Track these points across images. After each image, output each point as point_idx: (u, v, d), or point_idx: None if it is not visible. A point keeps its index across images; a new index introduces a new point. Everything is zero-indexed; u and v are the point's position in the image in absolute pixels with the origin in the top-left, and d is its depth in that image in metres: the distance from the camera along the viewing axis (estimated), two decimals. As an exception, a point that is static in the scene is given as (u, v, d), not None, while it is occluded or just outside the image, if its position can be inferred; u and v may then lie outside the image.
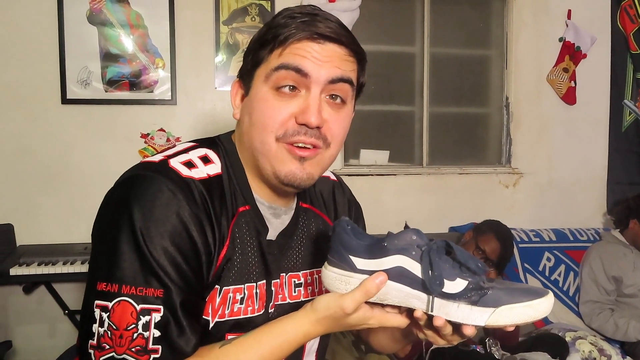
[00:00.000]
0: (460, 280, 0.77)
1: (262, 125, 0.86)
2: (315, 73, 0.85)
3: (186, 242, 0.81)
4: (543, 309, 0.75)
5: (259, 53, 0.88)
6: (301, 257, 0.99)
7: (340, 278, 0.82)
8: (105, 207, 0.84)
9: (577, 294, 2.99)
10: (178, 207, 0.81)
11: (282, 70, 0.84)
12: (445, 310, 0.77)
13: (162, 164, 0.85)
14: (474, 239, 2.55)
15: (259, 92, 0.87)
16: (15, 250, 2.60)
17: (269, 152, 0.87)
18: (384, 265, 0.79)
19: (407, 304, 0.80)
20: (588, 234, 3.18)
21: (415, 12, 3.25)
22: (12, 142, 2.69)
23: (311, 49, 0.85)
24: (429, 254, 0.77)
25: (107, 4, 2.75)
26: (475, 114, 3.42)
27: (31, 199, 2.72)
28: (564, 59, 3.29)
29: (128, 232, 0.78)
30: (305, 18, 0.85)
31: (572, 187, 3.39)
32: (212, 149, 0.92)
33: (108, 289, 0.77)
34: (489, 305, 0.76)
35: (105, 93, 2.76)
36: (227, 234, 0.87)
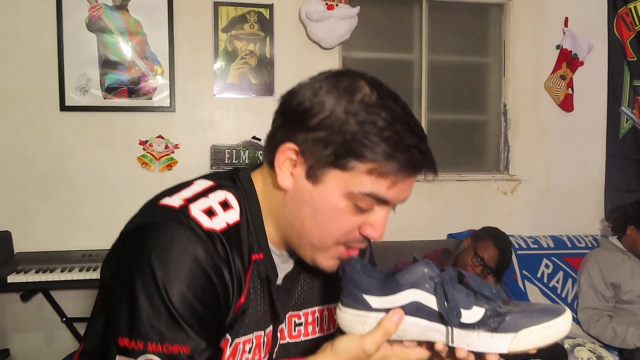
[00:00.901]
0: (477, 309, 0.76)
1: (329, 232, 0.83)
2: (396, 201, 0.84)
3: (210, 297, 0.79)
4: (563, 328, 0.75)
5: (345, 158, 0.78)
6: (302, 296, 0.98)
7: (356, 319, 0.80)
8: (123, 254, 0.81)
9: (575, 300, 2.99)
10: (201, 260, 0.78)
11: (369, 198, 0.80)
12: (466, 341, 0.76)
13: (182, 211, 0.81)
14: (472, 246, 2.55)
15: (333, 199, 0.81)
16: (12, 257, 2.60)
17: (322, 249, 0.85)
18: (399, 302, 0.78)
19: (426, 337, 0.79)
20: (586, 240, 3.18)
21: (413, 20, 3.26)
22: (11, 148, 2.69)
23: (405, 184, 0.82)
24: (442, 285, 0.76)
25: (106, 11, 2.76)
26: (473, 121, 3.43)
27: (29, 205, 2.72)
28: (562, 66, 3.31)
29: (150, 285, 0.75)
30: (406, 145, 0.79)
31: (570, 193, 3.39)
32: (232, 191, 0.87)
33: (132, 347, 0.74)
34: (508, 331, 0.75)
35: (104, 100, 2.77)
36: (244, 285, 0.86)
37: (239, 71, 2.91)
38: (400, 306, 0.78)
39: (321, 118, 0.79)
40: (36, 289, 2.57)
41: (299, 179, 0.83)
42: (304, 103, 0.81)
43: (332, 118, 0.79)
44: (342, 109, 0.79)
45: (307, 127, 0.80)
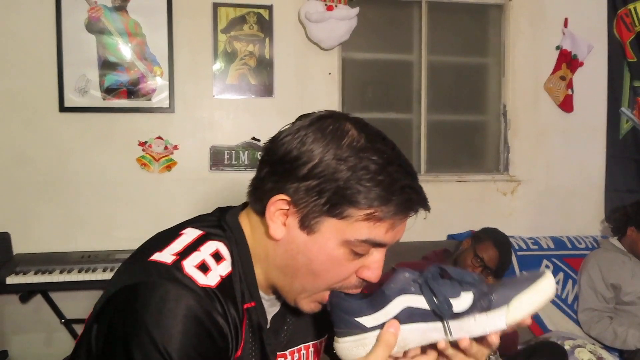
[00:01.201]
0: (465, 294, 0.77)
1: (326, 279, 0.83)
2: (392, 242, 0.83)
3: (212, 351, 0.78)
4: (548, 288, 0.76)
5: (341, 207, 0.78)
6: (288, 336, 0.97)
7: (355, 344, 0.80)
8: (115, 320, 0.77)
9: (575, 302, 2.98)
10: (199, 316, 0.76)
11: (366, 244, 0.80)
12: (465, 329, 0.77)
13: (175, 268, 0.78)
14: (472, 247, 2.54)
15: (329, 248, 0.80)
16: (11, 258, 2.59)
17: (311, 294, 0.85)
18: (391, 313, 0.78)
19: (427, 340, 0.79)
20: (586, 241, 3.18)
21: (412, 21, 3.26)
22: (10, 150, 2.69)
23: (402, 226, 0.82)
24: (427, 283, 0.77)
25: (106, 12, 2.76)
26: (473, 122, 3.43)
27: (28, 207, 2.71)
28: (561, 67, 3.30)
29: (151, 351, 0.72)
30: (399, 188, 0.79)
31: (570, 194, 3.39)
32: (222, 240, 0.85)
33: None
34: (500, 305, 0.76)
35: (103, 101, 2.77)
36: (241, 337, 0.84)
37: (238, 72, 2.91)
38: (393, 317, 0.78)
39: (311, 167, 0.78)
40: (35, 290, 2.56)
41: (292, 229, 0.82)
42: (292, 152, 0.80)
43: (322, 166, 0.78)
44: (332, 156, 0.78)
45: (298, 177, 0.79)
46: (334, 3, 2.85)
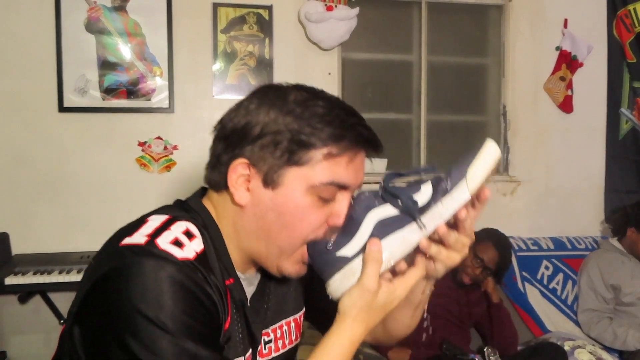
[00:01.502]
0: (424, 186, 0.81)
1: (299, 231, 0.84)
2: (354, 184, 0.86)
3: (203, 314, 0.77)
4: (493, 149, 0.80)
5: (298, 153, 0.80)
6: (268, 314, 0.98)
7: (345, 277, 0.81)
8: (101, 309, 0.75)
9: (575, 302, 2.98)
10: (184, 282, 0.75)
11: (331, 187, 0.82)
12: (437, 216, 0.80)
13: (150, 246, 0.77)
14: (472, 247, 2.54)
15: (296, 198, 0.82)
16: (10, 259, 2.59)
17: (291, 253, 0.86)
18: (366, 233, 0.81)
19: (409, 245, 0.81)
20: (586, 242, 3.18)
21: (412, 21, 3.26)
22: (9, 150, 2.68)
23: (358, 162, 0.84)
24: (387, 190, 0.81)
25: (105, 12, 2.75)
26: (473, 122, 3.43)
27: (27, 207, 2.71)
28: (561, 67, 3.30)
29: (147, 328, 0.72)
30: (349, 124, 0.82)
31: (570, 195, 3.39)
32: (190, 220, 0.84)
33: None
34: (459, 181, 0.79)
35: (103, 101, 2.76)
36: (227, 310, 0.84)
37: (238, 72, 2.91)
38: (370, 236, 0.80)
39: (261, 126, 0.81)
40: (34, 291, 2.55)
41: (257, 190, 0.83)
42: (240, 122, 0.84)
43: (272, 122, 0.81)
44: (279, 112, 0.81)
45: (251, 139, 0.82)
46: (334, 3, 2.85)
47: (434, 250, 0.83)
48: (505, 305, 2.65)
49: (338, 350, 0.80)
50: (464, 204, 0.79)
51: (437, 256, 0.84)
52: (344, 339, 0.80)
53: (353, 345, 0.81)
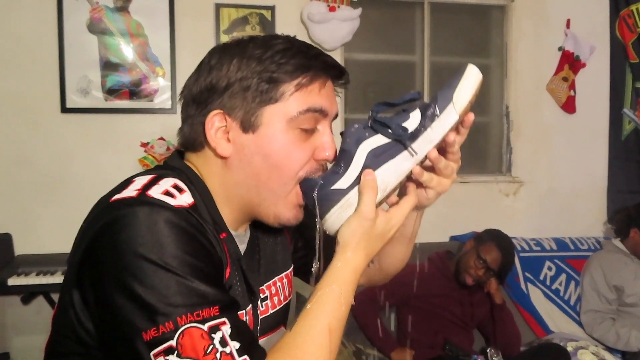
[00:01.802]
0: (412, 114, 0.82)
1: (288, 169, 0.84)
2: (331, 111, 0.87)
3: (208, 257, 0.76)
4: (474, 72, 0.83)
5: (269, 91, 0.82)
6: (262, 271, 0.98)
7: (342, 209, 0.82)
8: (100, 265, 0.73)
9: (578, 303, 2.98)
10: (183, 227, 0.74)
11: (309, 113, 0.83)
12: (427, 141, 0.81)
13: (142, 197, 0.75)
14: (475, 248, 2.54)
15: (278, 135, 0.82)
16: (13, 259, 2.59)
17: (284, 194, 0.85)
18: (360, 163, 0.82)
19: (402, 173, 0.82)
20: (589, 242, 3.17)
21: (415, 21, 3.26)
22: (11, 150, 2.68)
23: (328, 89, 0.86)
24: (376, 120, 0.82)
25: (107, 13, 2.76)
26: (476, 123, 3.34)
27: (30, 208, 2.71)
28: (564, 68, 3.30)
29: (150, 270, 0.70)
30: (312, 54, 0.84)
31: (573, 195, 3.38)
32: (176, 177, 0.82)
33: (162, 331, 0.68)
34: (446, 105, 0.81)
35: (105, 102, 2.76)
36: (226, 260, 0.83)
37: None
38: (363, 167, 0.81)
39: (228, 76, 0.82)
40: (37, 292, 2.55)
41: (237, 137, 0.84)
42: (205, 80, 0.84)
43: (237, 71, 0.82)
44: (241, 59, 0.82)
45: (220, 92, 0.83)
46: (337, 4, 2.85)
47: (426, 178, 0.84)
48: (508, 306, 2.65)
49: (342, 280, 0.79)
50: (453, 126, 0.81)
51: (428, 183, 0.85)
52: (346, 269, 0.80)
53: (356, 274, 0.81)
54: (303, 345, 0.73)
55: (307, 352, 0.73)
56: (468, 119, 0.84)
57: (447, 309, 2.53)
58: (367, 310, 2.44)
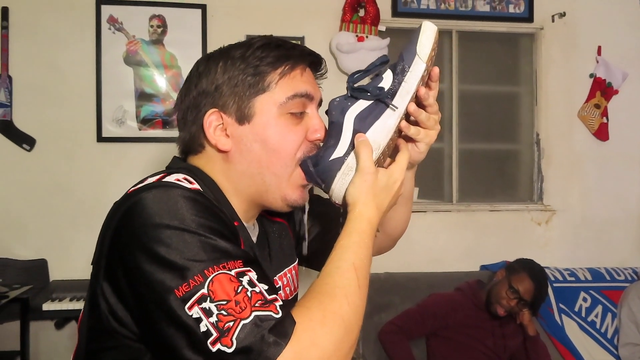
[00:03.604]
0: (385, 75, 0.90)
1: (286, 151, 0.90)
2: (315, 95, 0.94)
3: (225, 228, 0.78)
4: (429, 25, 0.91)
5: (257, 83, 0.89)
6: (273, 262, 1.02)
7: (343, 174, 0.88)
8: (127, 238, 0.76)
9: (615, 336, 2.88)
10: (200, 201, 0.78)
11: (297, 98, 0.90)
12: (404, 93, 0.88)
13: (158, 182, 0.80)
14: (506, 278, 2.49)
15: (271, 121, 0.89)
16: (48, 285, 2.65)
17: (286, 176, 0.91)
18: (350, 130, 0.89)
19: (390, 129, 0.89)
20: (625, 273, 3.08)
21: (443, 49, 3.27)
22: (49, 178, 2.77)
23: (309, 75, 0.94)
24: (353, 88, 0.90)
25: (143, 45, 2.85)
26: (506, 150, 3.40)
27: (65, 234, 2.78)
28: (595, 95, 3.26)
29: (173, 236, 0.72)
30: (289, 46, 0.92)
31: (607, 224, 3.30)
32: (185, 173, 0.85)
33: (193, 285, 0.69)
34: (412, 58, 0.89)
35: (139, 131, 2.84)
36: (241, 245, 0.84)
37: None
38: (352, 132, 0.88)
39: (216, 79, 0.90)
40: (70, 317, 2.60)
41: (235, 131, 0.90)
42: (195, 89, 0.91)
43: (224, 72, 0.90)
44: (226, 62, 0.90)
45: (212, 93, 0.90)
46: (365, 34, 2.90)
47: (413, 131, 0.91)
48: (541, 339, 2.58)
49: (359, 230, 0.83)
50: (423, 74, 0.89)
51: (416, 136, 0.92)
52: (361, 221, 0.84)
53: (371, 224, 0.84)
54: (332, 279, 0.77)
55: (337, 284, 0.76)
56: (434, 72, 0.92)
57: (478, 341, 2.47)
58: (396, 340, 2.41)
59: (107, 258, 0.79)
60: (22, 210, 2.75)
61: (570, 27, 3.29)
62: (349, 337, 0.73)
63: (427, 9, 3.15)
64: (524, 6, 3.24)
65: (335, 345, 0.71)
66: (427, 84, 0.93)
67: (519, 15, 3.25)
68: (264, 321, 0.68)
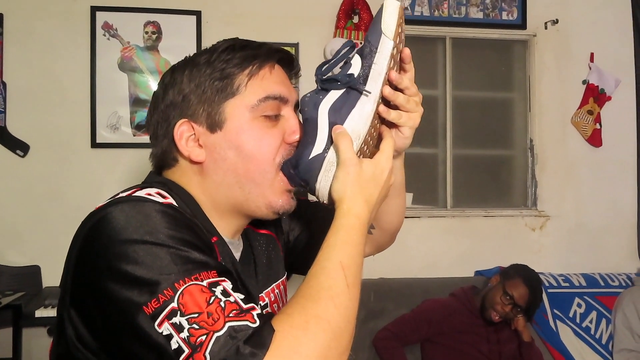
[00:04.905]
0: (353, 60, 0.84)
1: (263, 156, 0.85)
2: (290, 97, 0.89)
3: (199, 240, 0.74)
4: (390, 1, 0.84)
5: (225, 88, 0.84)
6: (260, 278, 0.97)
7: (325, 170, 0.83)
8: (95, 255, 0.72)
9: (610, 341, 2.89)
10: (173, 214, 0.73)
11: (269, 101, 0.85)
12: (376, 76, 0.83)
13: (127, 196, 0.76)
14: (501, 283, 2.50)
15: (244, 126, 0.84)
16: (41, 291, 2.63)
17: (267, 182, 0.86)
18: (326, 124, 0.84)
19: (368, 116, 0.84)
20: (619, 279, 3.09)
21: (437, 56, 3.29)
22: (42, 184, 2.76)
23: (279, 73, 0.90)
24: (323, 81, 0.85)
25: (138, 52, 2.85)
26: (500, 156, 3.41)
27: (59, 240, 2.74)
28: (588, 101, 3.28)
29: (139, 250, 0.68)
30: (255, 45, 0.89)
31: (601, 230, 3.31)
32: (158, 187, 0.81)
33: (163, 300, 0.65)
34: (378, 38, 0.83)
35: (134, 137, 2.84)
36: (216, 258, 0.80)
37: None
38: (329, 125, 0.84)
39: (183, 88, 0.86)
40: (63, 324, 2.58)
41: (207, 140, 0.85)
42: (163, 102, 0.87)
43: (189, 80, 0.85)
44: (192, 69, 0.86)
45: (179, 103, 0.86)
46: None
47: (394, 115, 0.86)
48: (536, 344, 2.58)
49: (346, 227, 0.77)
50: (392, 51, 0.83)
51: (398, 120, 0.87)
52: (348, 217, 0.78)
53: (360, 221, 0.79)
54: (317, 281, 0.72)
55: (322, 285, 0.71)
56: (406, 54, 0.86)
57: (473, 346, 2.47)
58: (391, 346, 2.41)
59: (73, 280, 0.75)
60: (15, 216, 2.74)
61: (563, 34, 3.31)
62: (338, 342, 0.67)
63: (421, 15, 3.16)
64: (517, 13, 3.26)
65: (321, 352, 0.65)
66: (401, 66, 0.87)
67: (512, 22, 3.27)
68: (239, 332, 0.63)
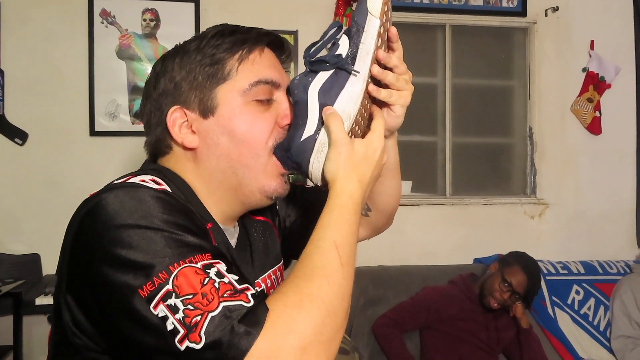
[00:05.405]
0: (341, 41, 0.85)
1: (255, 140, 0.85)
2: (282, 82, 0.89)
3: (195, 226, 0.74)
4: None
5: (217, 73, 0.85)
6: (256, 264, 0.97)
7: (317, 151, 0.83)
8: (90, 241, 0.72)
9: (608, 328, 2.90)
10: (168, 200, 0.73)
11: (261, 85, 0.86)
12: (364, 55, 0.83)
13: (120, 183, 0.76)
14: (499, 270, 2.51)
15: (236, 110, 0.85)
16: (41, 280, 2.64)
17: (261, 166, 0.86)
18: (316, 105, 0.84)
19: (358, 96, 0.84)
20: (618, 266, 3.10)
21: (436, 44, 3.27)
22: (41, 173, 2.75)
23: (269, 57, 0.90)
24: (312, 62, 0.85)
25: (136, 39, 2.84)
26: (499, 144, 3.40)
27: (58, 228, 2.73)
28: (588, 89, 3.27)
29: (134, 234, 0.68)
30: (244, 30, 0.88)
31: (600, 218, 3.32)
32: (153, 174, 0.81)
33: (158, 283, 0.65)
34: (364, 18, 0.83)
35: (132, 125, 2.83)
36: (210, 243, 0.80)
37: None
38: (319, 106, 0.83)
39: (173, 75, 0.86)
40: (63, 312, 2.59)
41: (200, 126, 0.86)
42: (155, 90, 0.87)
43: (180, 68, 0.86)
44: (182, 57, 0.86)
45: (171, 91, 0.86)
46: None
47: (384, 94, 0.85)
48: (535, 331, 2.60)
49: (340, 207, 0.77)
50: (379, 30, 0.83)
51: (389, 99, 0.86)
52: (342, 199, 0.78)
53: (353, 200, 0.78)
54: (311, 260, 0.72)
55: (316, 264, 0.71)
56: (392, 33, 0.87)
57: (472, 333, 2.49)
58: (390, 333, 2.42)
59: (69, 267, 0.75)
60: (14, 204, 2.74)
61: (563, 22, 3.29)
62: (332, 320, 0.68)
63: (421, 2, 3.14)
64: (517, 0, 3.24)
65: (316, 329, 0.65)
66: (389, 46, 0.88)
67: (512, 9, 3.25)
68: (234, 311, 0.63)
